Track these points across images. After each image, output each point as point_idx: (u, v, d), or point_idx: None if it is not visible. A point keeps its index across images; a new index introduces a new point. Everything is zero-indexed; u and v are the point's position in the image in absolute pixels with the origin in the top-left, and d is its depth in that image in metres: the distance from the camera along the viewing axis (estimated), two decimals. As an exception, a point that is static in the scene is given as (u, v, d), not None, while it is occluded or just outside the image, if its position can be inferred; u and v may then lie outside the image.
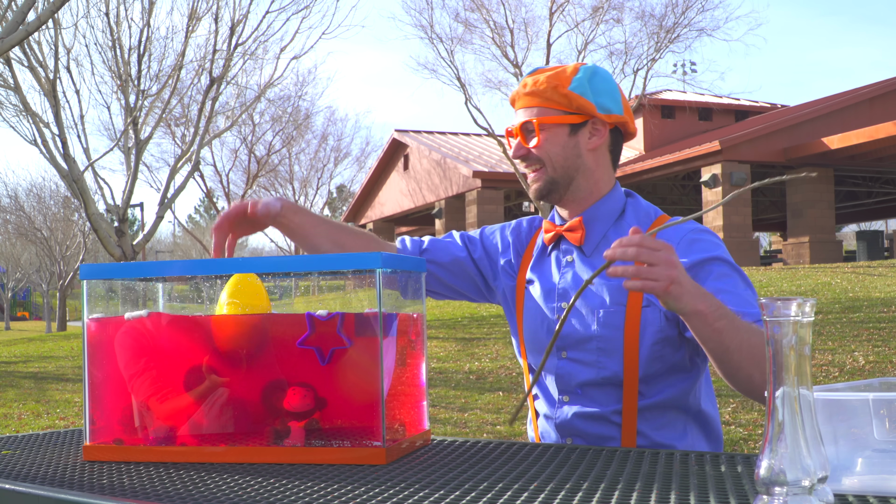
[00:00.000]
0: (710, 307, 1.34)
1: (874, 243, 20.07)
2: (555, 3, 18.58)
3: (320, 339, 1.31)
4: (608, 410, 1.60)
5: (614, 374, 1.59)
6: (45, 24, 7.73)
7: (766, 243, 35.74)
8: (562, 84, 1.61)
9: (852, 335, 8.47)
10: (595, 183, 1.67)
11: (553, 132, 1.64)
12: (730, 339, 1.36)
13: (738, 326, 1.37)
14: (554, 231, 1.70)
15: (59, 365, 12.17)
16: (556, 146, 1.64)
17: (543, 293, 1.69)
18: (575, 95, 1.61)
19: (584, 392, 1.62)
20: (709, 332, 1.36)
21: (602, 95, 1.64)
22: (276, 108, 24.89)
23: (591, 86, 1.62)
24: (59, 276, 32.93)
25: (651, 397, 1.59)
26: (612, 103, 1.64)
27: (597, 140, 1.65)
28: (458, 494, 1.06)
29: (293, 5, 13.66)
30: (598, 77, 1.64)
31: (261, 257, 1.38)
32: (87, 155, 12.49)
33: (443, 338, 10.80)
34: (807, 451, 0.87)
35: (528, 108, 1.65)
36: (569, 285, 1.65)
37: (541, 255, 1.74)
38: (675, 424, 1.61)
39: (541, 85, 1.62)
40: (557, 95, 1.61)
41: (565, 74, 1.63)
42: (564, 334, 1.63)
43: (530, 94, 1.64)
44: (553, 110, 1.63)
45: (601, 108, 1.63)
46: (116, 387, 1.41)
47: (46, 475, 1.27)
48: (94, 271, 1.41)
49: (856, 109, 18.51)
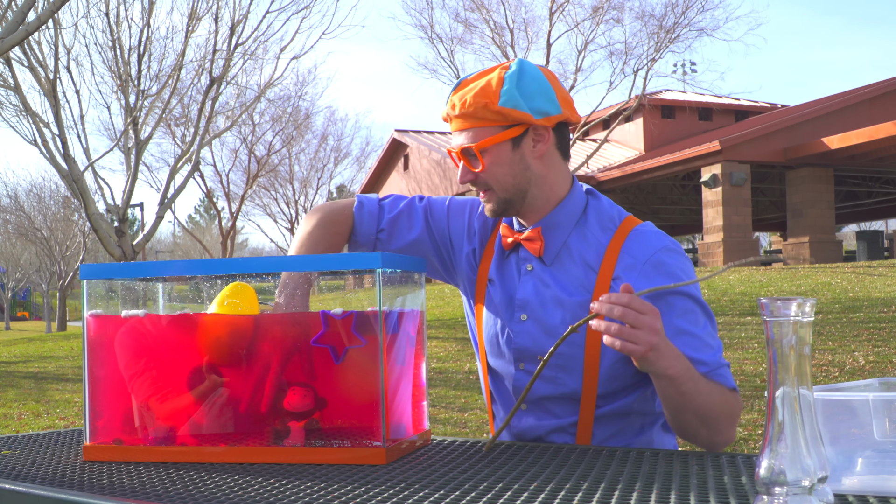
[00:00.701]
0: (680, 372, 1.38)
1: (874, 243, 20.06)
2: (555, 3, 18.58)
3: (334, 337, 1.31)
4: (565, 423, 1.58)
5: (573, 390, 1.56)
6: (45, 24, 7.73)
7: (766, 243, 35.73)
8: (491, 101, 1.50)
9: (852, 335, 8.47)
10: (550, 188, 1.59)
11: (495, 152, 1.54)
12: (690, 401, 1.41)
13: (700, 390, 1.42)
14: (512, 238, 1.62)
15: (59, 365, 12.17)
16: (502, 166, 1.55)
17: (503, 300, 1.62)
18: (507, 110, 1.50)
19: (541, 404, 1.60)
20: (673, 393, 1.40)
21: (534, 98, 1.52)
22: (276, 108, 24.91)
23: (520, 93, 1.51)
24: (59, 276, 32.93)
25: (607, 406, 1.57)
26: (547, 103, 1.53)
27: (542, 146, 1.56)
28: (458, 494, 1.06)
29: (293, 5, 13.66)
30: (526, 78, 1.53)
31: (261, 257, 1.38)
32: (87, 155, 12.49)
33: (443, 338, 10.80)
34: (807, 451, 0.87)
35: (463, 130, 1.55)
36: (529, 296, 1.59)
37: (500, 253, 1.66)
38: (630, 428, 1.60)
39: (469, 106, 1.52)
40: (489, 113, 1.51)
41: (491, 89, 1.51)
42: (523, 347, 1.58)
43: (461, 117, 1.54)
44: (489, 129, 1.53)
45: (538, 113, 1.52)
46: (116, 387, 1.41)
47: (46, 475, 1.26)
48: (94, 271, 1.41)
49: (856, 109, 18.51)
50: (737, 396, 1.51)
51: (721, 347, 1.52)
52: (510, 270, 1.64)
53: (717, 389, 1.46)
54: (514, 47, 18.97)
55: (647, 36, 18.56)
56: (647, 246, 1.54)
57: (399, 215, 1.71)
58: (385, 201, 1.73)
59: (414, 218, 1.71)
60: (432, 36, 19.73)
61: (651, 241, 1.54)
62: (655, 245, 1.54)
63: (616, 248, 1.55)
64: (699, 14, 18.57)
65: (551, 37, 18.71)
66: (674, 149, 20.19)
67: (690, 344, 1.47)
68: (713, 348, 1.50)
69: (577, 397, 1.56)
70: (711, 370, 1.47)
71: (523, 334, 1.58)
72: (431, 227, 1.71)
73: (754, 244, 18.00)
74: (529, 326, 1.58)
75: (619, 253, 1.54)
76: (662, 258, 1.52)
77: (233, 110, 16.80)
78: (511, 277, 1.63)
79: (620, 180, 20.15)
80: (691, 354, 1.46)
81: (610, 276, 1.53)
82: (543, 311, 1.57)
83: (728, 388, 1.49)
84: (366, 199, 1.72)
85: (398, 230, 1.70)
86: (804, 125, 18.06)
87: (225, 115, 16.50)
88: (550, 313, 1.56)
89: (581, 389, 1.55)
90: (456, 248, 1.71)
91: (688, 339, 1.47)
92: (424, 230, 1.70)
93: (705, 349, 1.48)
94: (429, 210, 1.72)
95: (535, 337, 1.57)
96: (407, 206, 1.72)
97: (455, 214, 1.72)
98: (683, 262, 1.55)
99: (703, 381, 1.43)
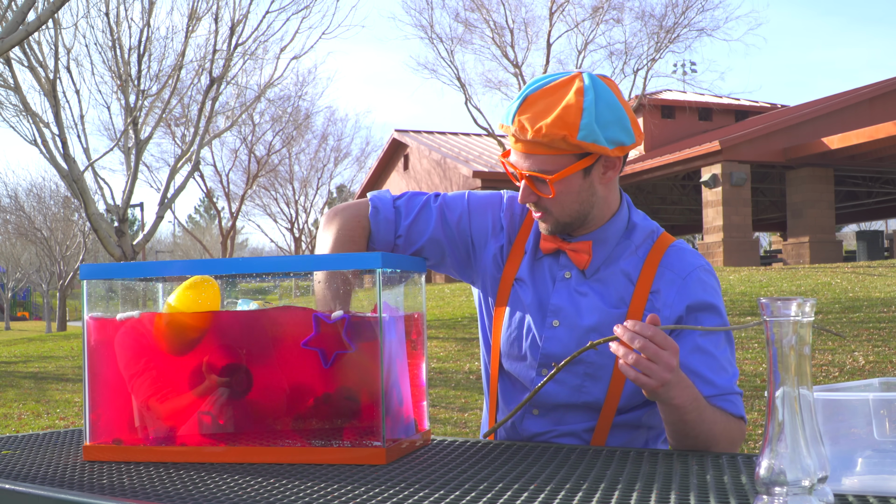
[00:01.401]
0: (686, 402, 1.38)
1: (874, 243, 20.06)
2: (555, 3, 18.59)
3: (324, 341, 1.31)
4: (579, 429, 1.58)
5: (596, 399, 1.55)
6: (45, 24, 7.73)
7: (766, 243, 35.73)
8: (570, 135, 1.44)
9: (852, 335, 8.47)
10: (607, 207, 1.58)
11: (566, 182, 1.50)
12: (692, 429, 1.42)
13: (704, 419, 1.42)
14: (556, 246, 1.59)
15: (59, 365, 12.16)
16: (571, 195, 1.52)
17: (535, 303, 1.59)
18: (586, 144, 1.46)
19: (557, 410, 1.58)
20: (676, 420, 1.41)
21: (611, 128, 1.48)
22: (276, 108, 24.90)
23: (598, 124, 1.46)
24: (59, 276, 32.93)
25: (620, 416, 1.57)
26: (622, 132, 1.49)
27: (612, 173, 1.54)
28: (458, 494, 1.06)
29: (293, 5, 13.66)
30: (603, 105, 1.47)
31: (261, 257, 1.38)
32: (87, 155, 12.48)
33: (443, 338, 10.80)
34: (807, 451, 0.87)
35: (534, 155, 1.48)
36: (563, 303, 1.57)
37: (534, 254, 1.62)
38: (636, 441, 1.61)
39: (545, 136, 1.45)
40: (566, 145, 1.46)
41: (570, 118, 1.44)
42: (551, 353, 1.56)
43: (533, 143, 1.48)
44: (563, 157, 1.48)
45: (613, 144, 1.48)
46: (116, 387, 1.41)
47: (46, 475, 1.26)
48: (94, 271, 1.41)
49: (856, 109, 18.50)
50: (741, 425, 1.51)
51: (737, 375, 1.53)
52: (543, 274, 1.61)
53: (721, 418, 1.46)
54: (515, 47, 18.98)
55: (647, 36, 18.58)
56: (687, 263, 1.56)
57: (416, 220, 1.66)
58: (399, 202, 1.67)
59: (431, 219, 1.66)
60: (432, 36, 19.74)
61: (690, 259, 1.57)
62: (694, 263, 1.56)
63: (654, 261, 1.56)
64: (699, 14, 18.61)
65: (551, 37, 18.73)
66: (674, 149, 20.19)
67: (707, 363, 1.48)
68: (728, 373, 1.50)
69: (597, 407, 1.56)
70: (721, 394, 1.48)
71: (553, 340, 1.56)
72: (450, 225, 1.66)
73: (754, 244, 17.99)
74: (561, 333, 1.56)
75: (659, 267, 1.56)
76: (702, 276, 1.55)
77: (233, 110, 16.80)
78: (544, 281, 1.60)
79: (620, 180, 19.91)
80: (704, 374, 1.47)
81: (648, 288, 1.54)
82: (578, 318, 1.55)
83: (735, 415, 1.49)
84: (380, 201, 1.66)
85: (415, 234, 1.65)
86: (804, 125, 18.06)
87: (225, 115, 16.50)
88: (585, 320, 1.55)
89: (603, 399, 1.55)
90: (478, 245, 1.66)
91: (706, 358, 1.49)
92: (440, 230, 1.65)
93: (720, 372, 1.49)
94: (445, 209, 1.67)
95: (565, 344, 1.55)
96: (423, 209, 1.67)
97: (477, 211, 1.67)
98: (717, 283, 1.58)
99: (708, 411, 1.43)
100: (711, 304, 1.53)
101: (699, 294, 1.53)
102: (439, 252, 1.66)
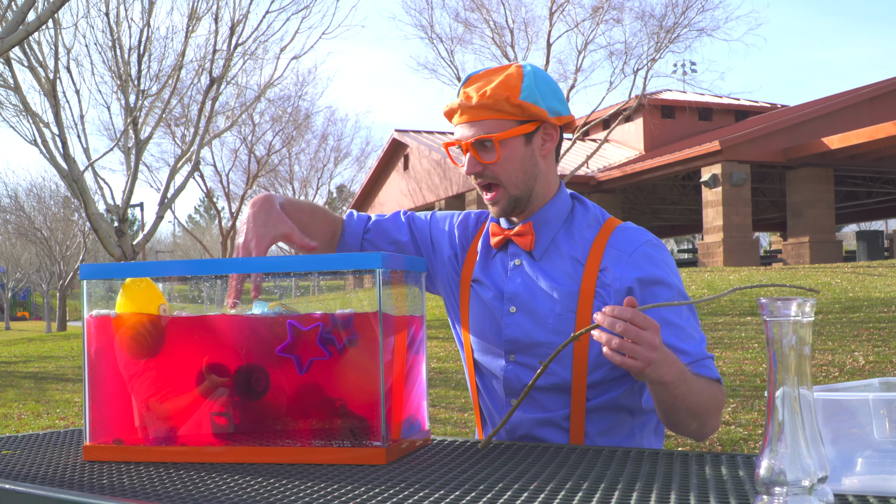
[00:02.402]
0: (674, 377, 1.39)
1: (874, 243, 20.06)
2: (555, 3, 18.57)
3: (299, 348, 1.32)
4: (557, 415, 1.60)
5: (563, 380, 1.59)
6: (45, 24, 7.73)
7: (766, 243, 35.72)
8: (512, 94, 1.55)
9: (852, 335, 8.47)
10: (547, 186, 1.65)
11: (510, 146, 1.58)
12: (682, 402, 1.44)
13: (692, 390, 1.45)
14: (501, 235, 1.67)
15: (59, 365, 12.17)
16: (514, 161, 1.59)
17: (492, 295, 1.66)
18: (527, 104, 1.55)
19: (532, 396, 1.62)
20: (667, 396, 1.43)
21: (549, 98, 1.59)
22: (276, 108, 24.89)
23: (538, 90, 1.57)
24: (59, 276, 32.92)
25: (596, 398, 1.59)
26: (559, 104, 1.61)
27: (550, 145, 1.63)
28: (458, 494, 1.06)
29: (293, 5, 13.64)
30: (541, 79, 1.59)
31: (261, 257, 1.38)
32: (87, 155, 12.48)
33: (443, 338, 10.80)
34: (807, 451, 0.87)
35: (479, 121, 1.57)
36: (518, 289, 1.63)
37: (486, 254, 1.71)
38: (621, 427, 1.63)
39: (489, 98, 1.55)
40: (509, 106, 1.55)
41: (512, 82, 1.56)
42: (513, 338, 1.62)
43: (479, 107, 1.56)
44: (507, 122, 1.57)
45: (552, 111, 1.59)
46: (116, 387, 1.41)
47: (46, 475, 1.27)
48: (94, 271, 1.41)
49: (856, 109, 18.51)
50: (720, 387, 1.56)
51: (704, 340, 1.57)
52: (496, 268, 1.69)
53: (705, 385, 1.50)
54: (514, 47, 18.96)
55: (647, 36, 18.56)
56: (632, 240, 1.61)
57: (384, 221, 1.80)
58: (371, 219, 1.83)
59: (398, 224, 1.79)
60: (432, 36, 19.74)
61: (635, 236, 1.62)
62: (640, 240, 1.61)
63: (602, 242, 1.61)
64: (699, 14, 18.55)
65: (551, 37, 18.71)
66: (674, 149, 20.20)
67: (675, 334, 1.52)
68: (696, 340, 1.54)
69: (567, 387, 1.59)
70: (695, 360, 1.52)
71: (513, 326, 1.62)
72: (414, 233, 1.79)
73: (754, 244, 18.00)
74: (519, 318, 1.62)
75: (606, 247, 1.61)
76: (648, 251, 1.60)
77: (233, 110, 16.79)
78: (498, 274, 1.68)
79: (620, 180, 20.15)
80: (675, 344, 1.51)
81: (597, 267, 1.59)
82: (533, 301, 1.61)
83: (713, 379, 1.53)
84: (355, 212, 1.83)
85: (383, 232, 1.78)
86: (804, 125, 18.07)
87: (225, 115, 16.49)
88: (540, 303, 1.60)
89: (571, 379, 1.58)
90: (437, 252, 1.77)
91: (673, 329, 1.53)
92: (408, 235, 1.78)
93: (689, 340, 1.53)
94: (411, 220, 1.80)
95: (524, 328, 1.61)
96: (392, 216, 1.81)
97: (436, 222, 1.80)
98: (666, 256, 1.62)
99: (694, 381, 1.46)
100: (662, 279, 1.57)
101: (648, 269, 1.57)
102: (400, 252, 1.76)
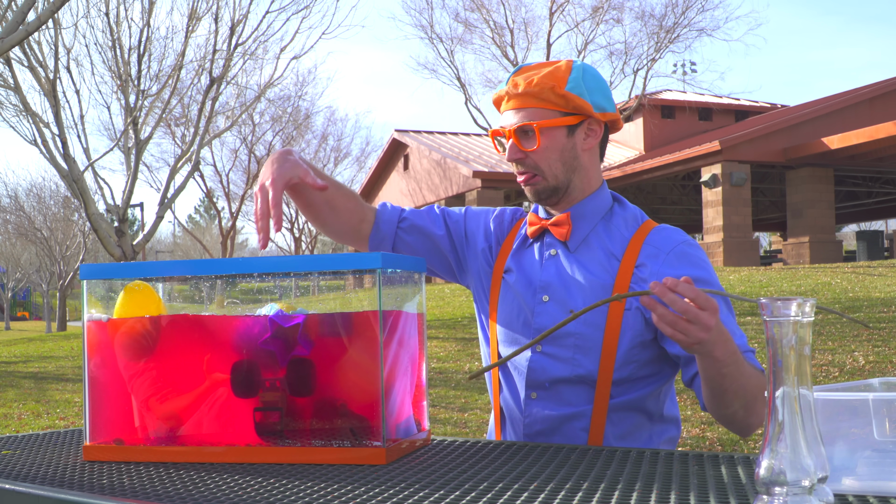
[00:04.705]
0: (724, 354, 1.37)
1: (874, 243, 20.06)
2: (555, 3, 18.58)
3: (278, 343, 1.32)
4: (578, 410, 1.59)
5: (589, 372, 1.58)
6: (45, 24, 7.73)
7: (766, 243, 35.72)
8: (558, 84, 1.58)
9: (852, 335, 8.47)
10: (588, 181, 1.66)
11: (551, 135, 1.61)
12: (731, 382, 1.42)
13: (742, 372, 1.42)
14: (539, 224, 1.68)
15: (59, 365, 12.17)
16: (555, 151, 1.61)
17: (523, 284, 1.66)
18: (572, 96, 1.58)
19: (554, 389, 1.60)
20: (714, 374, 1.41)
21: (596, 93, 1.62)
22: (276, 108, 24.91)
23: (585, 84, 1.60)
24: (59, 276, 32.92)
25: (620, 396, 1.59)
26: (606, 101, 1.63)
27: (592, 140, 1.64)
28: (458, 494, 1.06)
29: (293, 5, 13.65)
30: (590, 74, 1.62)
31: (261, 257, 1.38)
32: (87, 155, 12.48)
33: (443, 338, 10.80)
34: (807, 451, 0.87)
35: (523, 109, 1.60)
36: (551, 278, 1.63)
37: (521, 245, 1.72)
38: (639, 432, 1.62)
39: (535, 86, 1.58)
40: (554, 96, 1.58)
41: (560, 73, 1.59)
42: (543, 327, 1.61)
43: (524, 95, 1.60)
44: (551, 111, 1.60)
45: (597, 107, 1.62)
46: (116, 387, 1.41)
47: (46, 475, 1.27)
48: (94, 271, 1.41)
49: (856, 109, 18.50)
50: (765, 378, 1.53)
51: (745, 336, 1.55)
52: (530, 258, 1.69)
53: (755, 372, 1.47)
54: (515, 47, 18.98)
55: (647, 36, 18.58)
56: (670, 239, 1.62)
57: (419, 213, 1.81)
58: None
59: (433, 217, 1.80)
60: (432, 36, 19.75)
61: (673, 235, 1.64)
62: (677, 239, 1.63)
63: (639, 240, 1.62)
64: (699, 14, 18.59)
65: (551, 37, 18.74)
66: (674, 149, 20.19)
67: None
68: (738, 335, 1.52)
69: (591, 381, 1.58)
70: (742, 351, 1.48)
71: (544, 315, 1.62)
72: (449, 227, 1.79)
73: (754, 244, 17.99)
74: (551, 307, 1.62)
75: (643, 244, 1.62)
76: (685, 249, 1.61)
77: (233, 110, 16.80)
78: (531, 263, 1.68)
79: (620, 180, 20.15)
80: None
81: (633, 263, 1.60)
82: (566, 292, 1.61)
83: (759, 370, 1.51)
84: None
85: (418, 223, 1.78)
86: (804, 125, 18.06)
87: (225, 115, 16.49)
88: (573, 295, 1.60)
89: (597, 372, 1.57)
90: (471, 245, 1.77)
91: None
92: (444, 229, 1.78)
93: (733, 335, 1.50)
94: (446, 213, 1.81)
95: (556, 318, 1.60)
96: (426, 209, 1.82)
97: (472, 216, 1.81)
98: (703, 255, 1.63)
99: (745, 365, 1.43)
100: (701, 278, 1.55)
101: (687, 268, 1.57)
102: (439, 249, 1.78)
